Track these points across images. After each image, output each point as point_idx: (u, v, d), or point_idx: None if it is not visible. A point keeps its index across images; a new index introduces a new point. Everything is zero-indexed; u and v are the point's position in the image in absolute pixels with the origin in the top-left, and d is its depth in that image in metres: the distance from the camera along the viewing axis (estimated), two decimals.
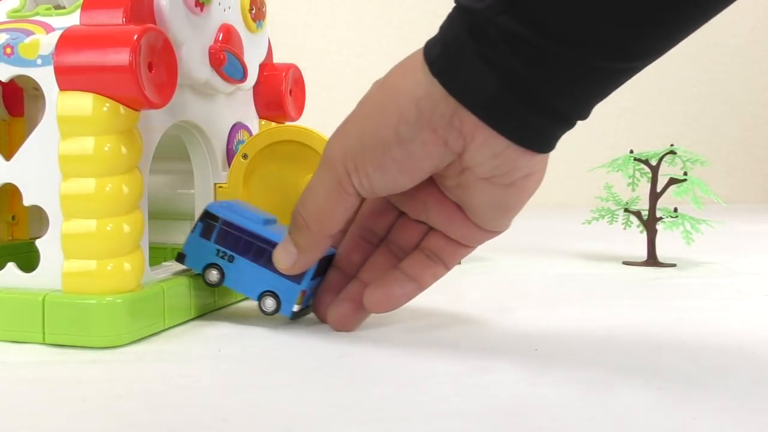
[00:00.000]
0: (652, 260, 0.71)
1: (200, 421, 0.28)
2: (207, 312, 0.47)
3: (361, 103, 0.36)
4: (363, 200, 0.38)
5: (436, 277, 0.40)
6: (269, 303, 0.42)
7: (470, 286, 0.59)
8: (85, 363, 0.36)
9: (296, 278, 0.41)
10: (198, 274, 0.44)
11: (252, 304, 0.50)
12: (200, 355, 0.38)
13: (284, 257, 0.39)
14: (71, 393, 0.32)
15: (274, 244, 0.41)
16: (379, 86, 0.36)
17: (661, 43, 0.32)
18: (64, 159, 0.38)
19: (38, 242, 0.40)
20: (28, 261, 0.42)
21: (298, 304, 0.42)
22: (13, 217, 0.57)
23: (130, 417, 0.29)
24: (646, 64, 0.32)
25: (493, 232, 0.39)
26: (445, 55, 0.33)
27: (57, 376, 0.34)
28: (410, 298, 0.40)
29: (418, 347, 0.39)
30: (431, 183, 0.38)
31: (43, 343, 0.39)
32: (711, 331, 0.44)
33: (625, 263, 0.72)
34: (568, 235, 1.00)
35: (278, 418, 0.29)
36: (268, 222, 0.43)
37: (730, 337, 0.42)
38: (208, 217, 0.43)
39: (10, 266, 0.41)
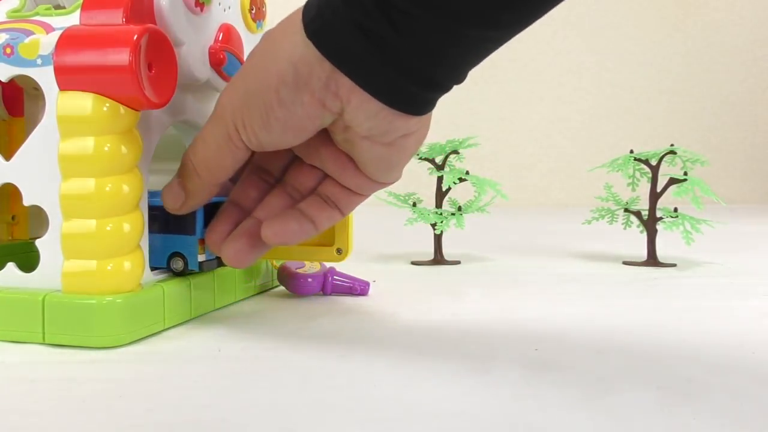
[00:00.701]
0: (652, 260, 0.71)
1: (200, 421, 0.28)
2: (207, 312, 0.47)
3: (250, 57, 0.37)
4: (253, 153, 0.39)
5: (332, 221, 0.41)
6: (177, 263, 0.44)
7: (470, 286, 0.59)
8: (85, 363, 0.36)
9: (189, 231, 0.43)
10: (197, 274, 0.45)
11: (252, 304, 0.50)
12: (200, 355, 0.38)
13: (171, 199, 0.41)
14: (71, 393, 0.32)
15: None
16: (264, 41, 0.36)
17: (526, 15, 0.33)
18: (64, 159, 0.38)
19: (38, 242, 0.40)
20: (28, 261, 0.42)
21: (201, 254, 0.43)
22: (13, 217, 0.57)
23: (130, 417, 0.29)
24: (513, 34, 0.33)
25: (384, 183, 0.40)
26: (319, 18, 0.33)
27: (57, 376, 0.34)
28: (306, 236, 0.41)
29: (418, 347, 0.39)
30: (325, 133, 0.38)
31: (43, 343, 0.39)
32: (711, 331, 0.44)
33: (625, 263, 0.72)
34: (568, 235, 1.00)
35: (278, 418, 0.29)
36: None
37: (730, 337, 0.42)
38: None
39: (10, 266, 0.41)
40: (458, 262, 0.72)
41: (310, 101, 0.34)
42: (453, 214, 0.71)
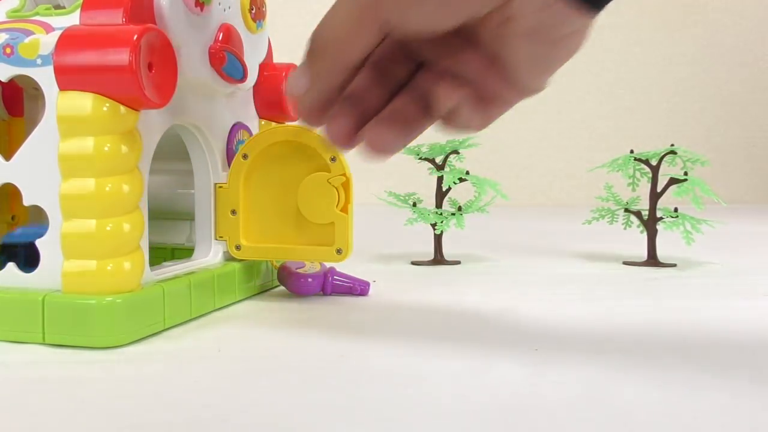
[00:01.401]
0: (652, 260, 0.71)
1: (200, 421, 0.28)
2: (207, 312, 0.47)
3: None
4: (383, 39, 0.34)
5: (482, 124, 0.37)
6: None
7: (470, 286, 0.59)
8: (85, 363, 0.36)
9: None
10: (196, 274, 0.45)
11: (252, 304, 0.50)
12: (200, 355, 0.38)
13: (295, 82, 0.36)
14: (71, 393, 0.32)
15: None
16: None
17: None
18: (63, 159, 0.38)
19: (38, 242, 0.40)
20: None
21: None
22: (13, 217, 0.57)
23: (130, 417, 0.29)
24: None
25: (527, 93, 0.36)
26: None
27: (57, 376, 0.34)
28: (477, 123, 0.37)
29: (418, 347, 0.39)
30: (461, 34, 0.34)
31: (43, 343, 0.39)
32: (711, 331, 0.44)
33: (625, 263, 0.72)
34: (568, 235, 1.00)
35: (278, 418, 0.29)
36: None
37: (730, 337, 0.42)
38: None
39: (10, 266, 0.41)
40: (458, 262, 0.72)
41: None
42: (453, 214, 0.71)
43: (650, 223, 0.72)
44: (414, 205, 0.72)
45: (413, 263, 0.72)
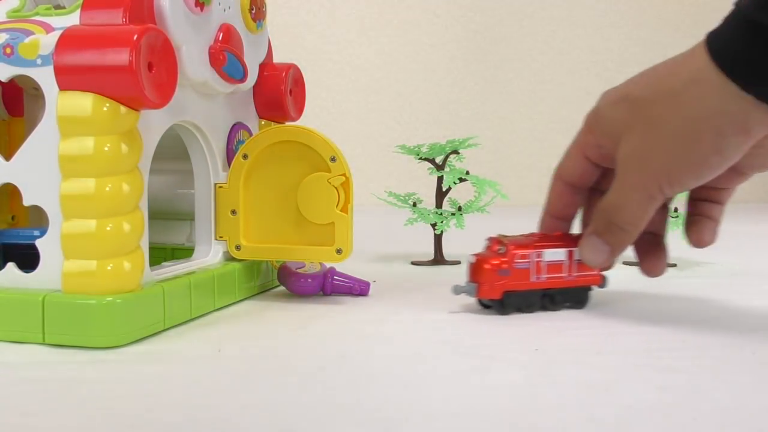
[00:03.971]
0: None
1: (200, 421, 0.28)
2: (207, 312, 0.47)
3: (653, 126, 0.40)
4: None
5: (721, 213, 0.48)
6: None
7: None
8: (85, 363, 0.36)
9: None
10: (196, 274, 0.45)
11: (252, 304, 0.50)
12: (200, 355, 0.38)
13: (597, 256, 0.45)
14: (71, 393, 0.32)
15: None
16: (673, 107, 0.40)
17: None
18: (64, 159, 0.38)
19: (38, 242, 0.40)
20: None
21: None
22: (13, 217, 0.57)
23: (130, 417, 0.29)
24: None
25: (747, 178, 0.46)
26: (757, 74, 0.37)
27: (57, 376, 0.34)
28: (717, 233, 0.48)
29: (418, 347, 0.39)
30: None
31: (43, 343, 0.39)
32: (711, 331, 0.44)
33: (625, 263, 0.72)
34: None
35: (278, 418, 0.29)
36: None
37: (731, 337, 0.42)
38: None
39: (10, 266, 0.41)
40: (458, 262, 0.72)
41: (745, 140, 0.38)
42: (453, 214, 0.71)
43: None
44: (414, 205, 0.72)
45: (413, 263, 0.72)
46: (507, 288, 0.46)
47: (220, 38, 0.46)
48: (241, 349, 0.39)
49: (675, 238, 0.71)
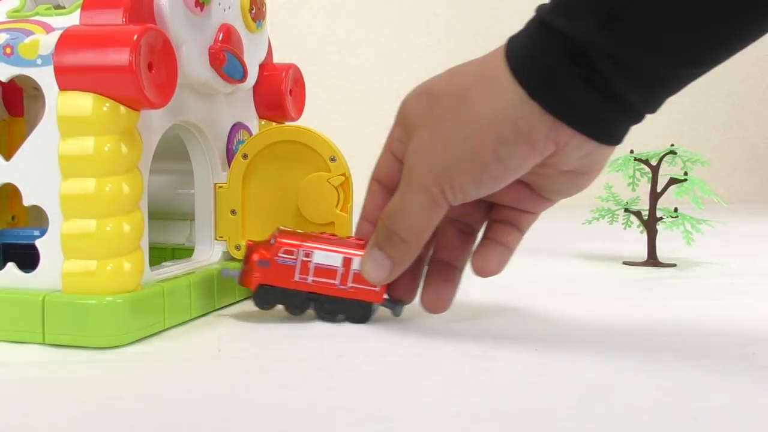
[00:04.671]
0: (652, 260, 0.71)
1: (200, 421, 0.28)
2: (207, 312, 0.47)
3: (441, 122, 0.37)
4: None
5: (519, 241, 0.43)
6: None
7: (471, 285, 0.59)
8: (85, 363, 0.36)
9: None
10: (196, 274, 0.45)
11: (252, 304, 0.50)
12: (200, 355, 0.38)
13: (378, 271, 0.41)
14: (71, 393, 0.32)
15: None
16: (461, 104, 0.37)
17: (734, 51, 0.35)
18: (64, 159, 0.38)
19: (38, 242, 0.40)
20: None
21: None
22: (13, 217, 0.57)
23: (130, 417, 0.29)
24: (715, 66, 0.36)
25: (557, 201, 0.42)
26: (544, 80, 0.34)
27: (57, 376, 0.34)
28: (507, 262, 0.43)
29: (418, 347, 0.39)
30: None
31: (43, 343, 0.39)
32: (711, 331, 0.44)
33: (625, 263, 0.72)
34: (568, 235, 1.00)
35: (278, 418, 0.29)
36: None
37: (730, 337, 0.42)
38: None
39: (10, 266, 0.41)
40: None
41: (529, 153, 0.35)
42: None
43: (650, 223, 0.72)
44: None
45: None
46: (263, 281, 0.43)
47: (220, 38, 0.46)
48: (241, 349, 0.39)
49: (675, 239, 0.71)
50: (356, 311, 0.44)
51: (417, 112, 0.39)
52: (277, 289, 0.44)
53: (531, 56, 0.35)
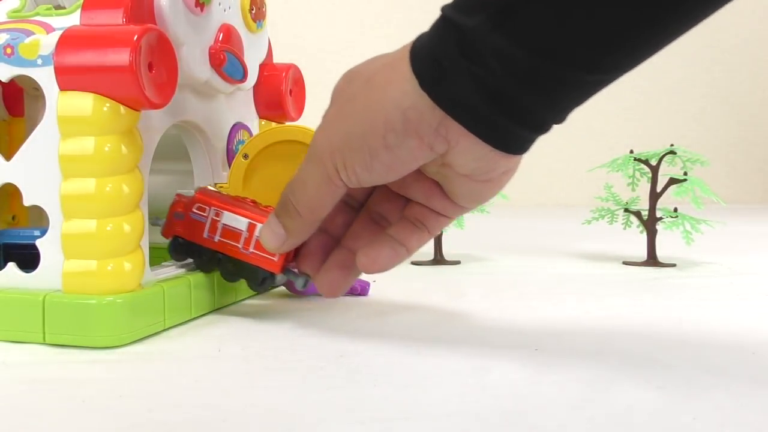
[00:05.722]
0: (652, 260, 0.71)
1: (200, 421, 0.28)
2: (207, 312, 0.47)
3: (347, 101, 0.37)
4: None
5: (422, 243, 0.41)
6: None
7: (470, 286, 0.59)
8: (85, 363, 0.36)
9: None
10: (196, 274, 0.45)
11: (252, 304, 0.50)
12: (200, 355, 0.38)
13: (272, 238, 0.40)
14: (71, 393, 0.32)
15: None
16: (365, 86, 0.36)
17: (634, 59, 0.33)
18: (64, 159, 0.38)
19: (38, 242, 0.40)
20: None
21: None
22: (13, 217, 0.57)
23: (130, 417, 0.29)
24: (620, 75, 0.34)
25: (470, 208, 0.41)
26: (434, 70, 0.34)
27: (57, 376, 0.34)
28: (400, 261, 0.41)
29: (418, 347, 0.39)
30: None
31: (43, 343, 0.39)
32: (711, 331, 0.44)
33: (625, 263, 0.72)
34: (568, 235, 1.00)
35: (278, 418, 0.29)
36: None
37: (730, 337, 0.42)
38: None
39: (10, 266, 0.41)
40: (458, 262, 0.72)
41: (418, 145, 0.35)
42: None
43: (650, 223, 0.72)
44: None
45: (413, 263, 0.72)
46: (176, 233, 0.45)
47: (220, 38, 0.46)
48: (241, 348, 0.39)
49: (675, 239, 0.71)
50: (255, 275, 0.44)
51: (336, 90, 0.39)
52: (187, 243, 0.45)
53: (426, 47, 0.34)
